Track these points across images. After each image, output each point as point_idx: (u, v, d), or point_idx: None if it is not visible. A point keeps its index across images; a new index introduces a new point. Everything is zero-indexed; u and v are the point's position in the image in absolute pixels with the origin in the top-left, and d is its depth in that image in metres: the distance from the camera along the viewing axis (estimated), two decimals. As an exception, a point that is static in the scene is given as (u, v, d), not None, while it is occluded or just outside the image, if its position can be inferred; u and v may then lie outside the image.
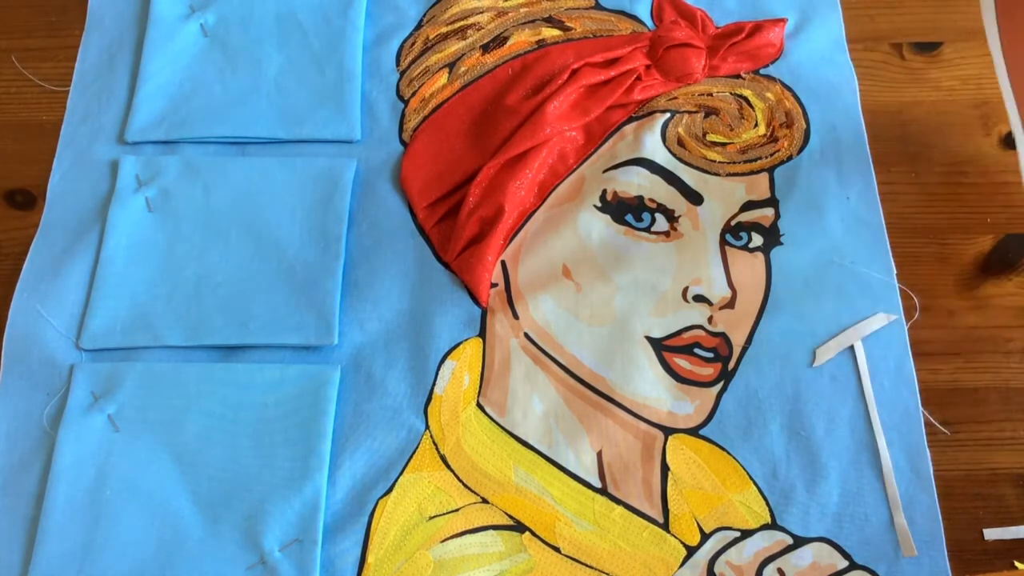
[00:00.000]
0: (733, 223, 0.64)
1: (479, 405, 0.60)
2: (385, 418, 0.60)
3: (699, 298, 0.62)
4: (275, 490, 0.57)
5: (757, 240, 0.64)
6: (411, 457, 0.59)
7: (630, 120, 0.68)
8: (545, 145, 0.66)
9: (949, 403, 0.60)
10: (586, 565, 0.56)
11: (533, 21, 0.72)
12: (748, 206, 0.65)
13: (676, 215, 0.65)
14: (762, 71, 0.70)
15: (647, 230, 0.64)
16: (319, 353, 0.61)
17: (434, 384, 0.60)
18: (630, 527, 0.57)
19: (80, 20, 0.73)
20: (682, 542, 0.56)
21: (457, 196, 0.66)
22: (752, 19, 0.71)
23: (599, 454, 0.58)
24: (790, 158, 0.67)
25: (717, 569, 0.55)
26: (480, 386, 0.60)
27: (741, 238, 0.64)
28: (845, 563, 0.55)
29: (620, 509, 0.57)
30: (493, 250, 0.63)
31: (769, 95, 0.69)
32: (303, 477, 0.57)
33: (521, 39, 0.71)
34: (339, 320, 0.62)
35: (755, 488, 0.57)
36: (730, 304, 0.62)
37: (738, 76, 0.70)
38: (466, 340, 0.62)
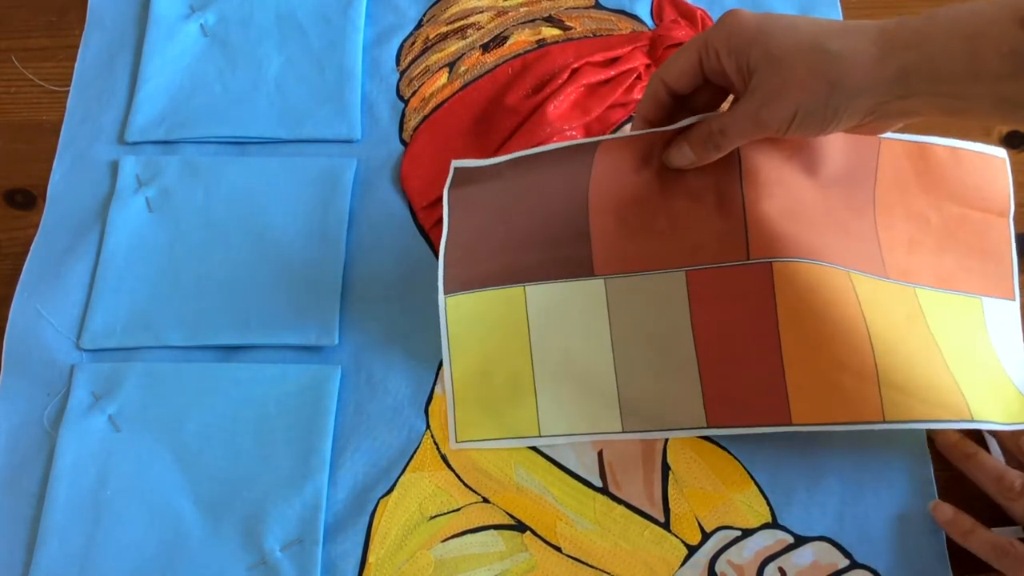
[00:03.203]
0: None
1: (480, 405, 0.60)
2: (386, 418, 0.60)
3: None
4: (276, 490, 0.57)
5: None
6: (412, 457, 0.59)
7: (630, 119, 0.68)
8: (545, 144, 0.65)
9: (949, 402, 0.59)
10: (587, 564, 0.56)
11: (533, 20, 0.72)
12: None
13: (676, 215, 0.65)
14: (762, 71, 0.70)
15: (648, 230, 0.64)
16: (319, 353, 0.61)
17: (435, 384, 0.60)
18: (631, 526, 0.57)
19: (80, 20, 0.73)
20: (683, 541, 0.56)
21: (457, 196, 0.65)
22: (752, 19, 0.71)
23: (600, 454, 0.58)
24: (790, 157, 0.67)
25: (718, 568, 0.55)
26: (481, 386, 0.60)
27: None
28: (846, 562, 0.55)
29: (621, 508, 0.57)
30: (494, 250, 0.63)
31: (769, 95, 0.69)
32: (304, 477, 0.57)
33: (521, 38, 0.71)
34: (339, 320, 0.62)
35: (756, 487, 0.57)
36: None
37: (738, 76, 0.70)
38: (467, 340, 0.61)
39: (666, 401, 0.57)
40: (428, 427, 0.59)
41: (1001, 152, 0.61)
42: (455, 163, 0.61)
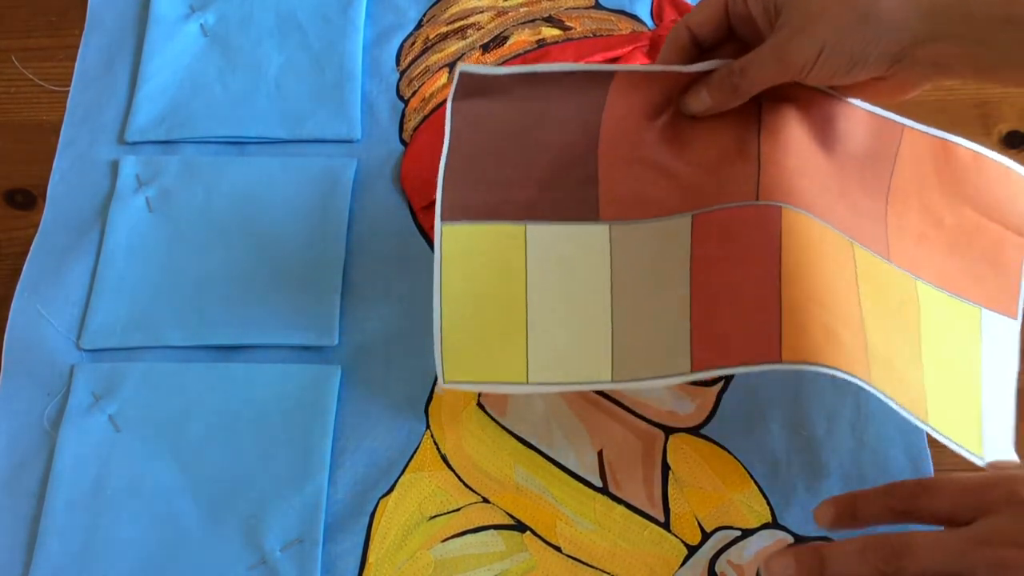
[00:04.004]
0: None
1: (479, 404, 0.60)
2: (386, 418, 0.60)
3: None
4: (276, 490, 0.57)
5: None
6: (412, 457, 0.59)
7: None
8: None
9: (949, 402, 0.59)
10: (587, 564, 0.56)
11: (533, 21, 0.72)
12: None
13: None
14: (762, 71, 0.70)
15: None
16: (319, 353, 0.61)
17: (434, 384, 0.60)
18: (631, 526, 0.57)
19: (80, 20, 0.73)
20: (683, 541, 0.56)
21: (457, 195, 0.65)
22: (752, 19, 0.71)
23: (600, 453, 0.58)
24: (790, 158, 0.67)
25: (718, 568, 0.55)
26: (481, 386, 0.60)
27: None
28: (846, 562, 0.55)
29: (621, 508, 0.57)
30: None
31: (769, 95, 0.69)
32: (304, 477, 0.57)
33: (521, 39, 0.71)
34: (339, 320, 0.62)
35: (756, 487, 0.57)
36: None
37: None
38: (467, 340, 0.61)
39: (656, 347, 0.55)
40: (428, 427, 0.59)
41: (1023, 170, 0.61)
42: (461, 68, 0.58)
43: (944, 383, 0.55)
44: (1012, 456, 0.56)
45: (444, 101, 0.68)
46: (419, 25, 0.73)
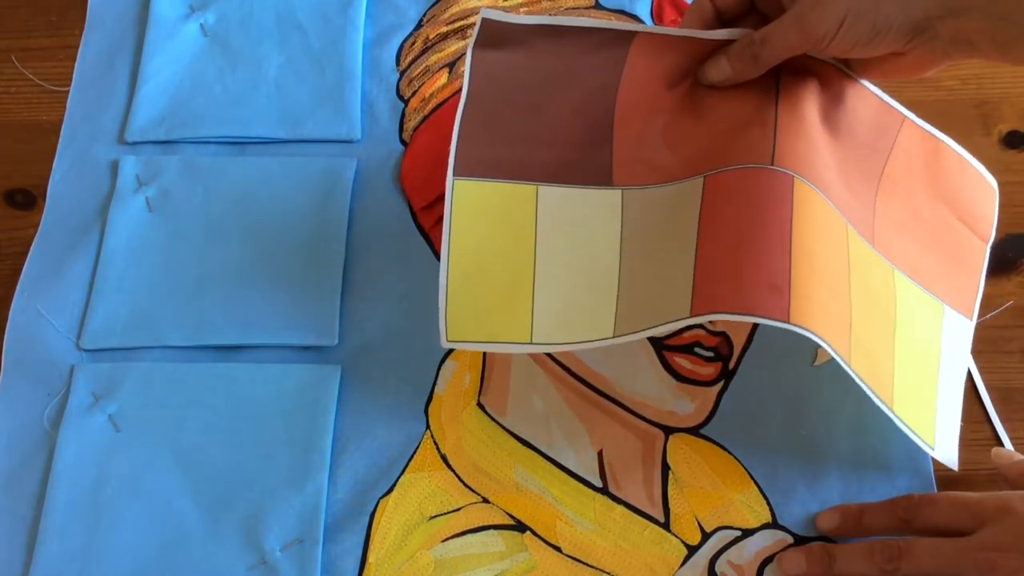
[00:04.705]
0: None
1: (479, 405, 0.60)
2: (385, 418, 0.60)
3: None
4: (276, 490, 0.57)
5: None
6: (412, 457, 0.59)
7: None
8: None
9: (949, 402, 0.60)
10: (587, 564, 0.56)
11: (533, 21, 0.72)
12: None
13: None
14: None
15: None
16: (319, 353, 0.61)
17: (434, 384, 0.61)
18: (631, 526, 0.57)
19: (80, 20, 0.73)
20: (683, 541, 0.56)
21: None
22: (752, 19, 0.71)
23: (600, 453, 0.58)
24: (791, 157, 0.67)
25: (718, 568, 0.55)
26: (480, 386, 0.61)
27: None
28: (846, 562, 0.55)
29: (621, 508, 0.57)
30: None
31: (769, 95, 0.69)
32: (304, 477, 0.57)
33: (521, 39, 0.71)
34: (339, 320, 0.62)
35: (756, 487, 0.57)
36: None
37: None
38: (467, 340, 0.61)
39: (658, 299, 0.54)
40: (428, 427, 0.59)
41: (994, 182, 0.62)
42: (484, 12, 0.58)
43: (909, 373, 0.55)
44: (954, 450, 0.57)
45: (444, 101, 0.69)
46: (419, 25, 0.73)
